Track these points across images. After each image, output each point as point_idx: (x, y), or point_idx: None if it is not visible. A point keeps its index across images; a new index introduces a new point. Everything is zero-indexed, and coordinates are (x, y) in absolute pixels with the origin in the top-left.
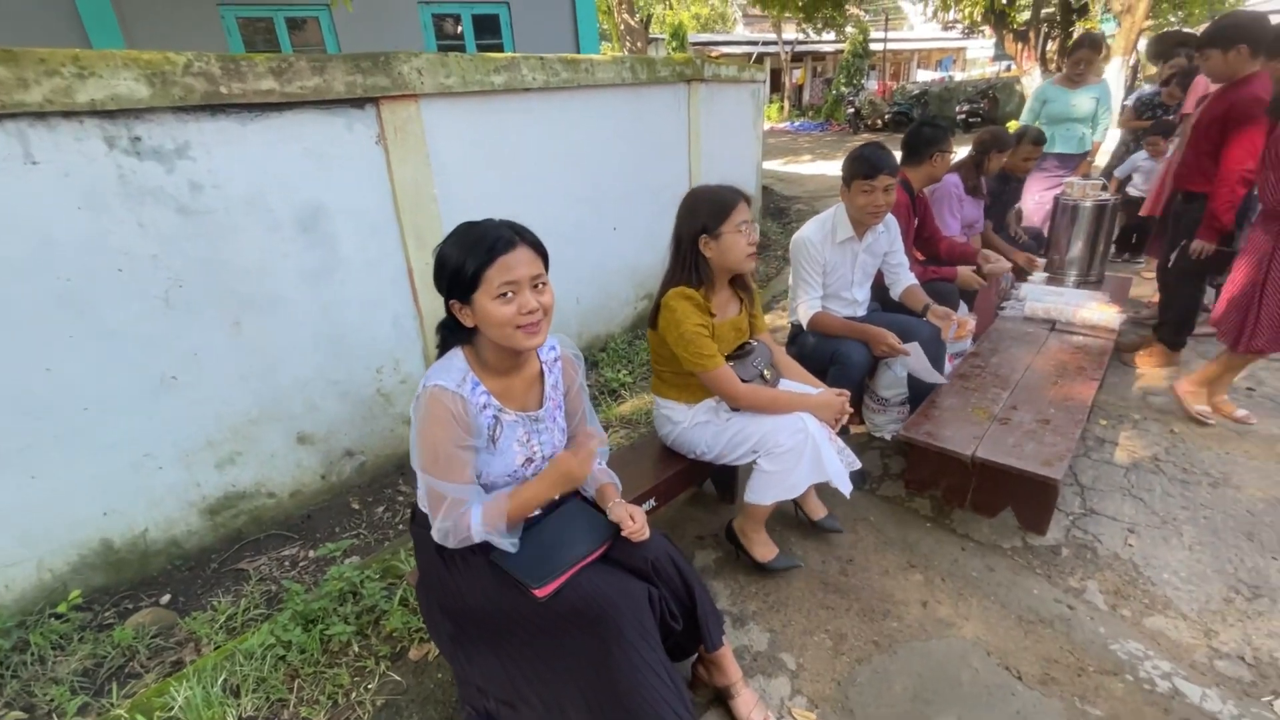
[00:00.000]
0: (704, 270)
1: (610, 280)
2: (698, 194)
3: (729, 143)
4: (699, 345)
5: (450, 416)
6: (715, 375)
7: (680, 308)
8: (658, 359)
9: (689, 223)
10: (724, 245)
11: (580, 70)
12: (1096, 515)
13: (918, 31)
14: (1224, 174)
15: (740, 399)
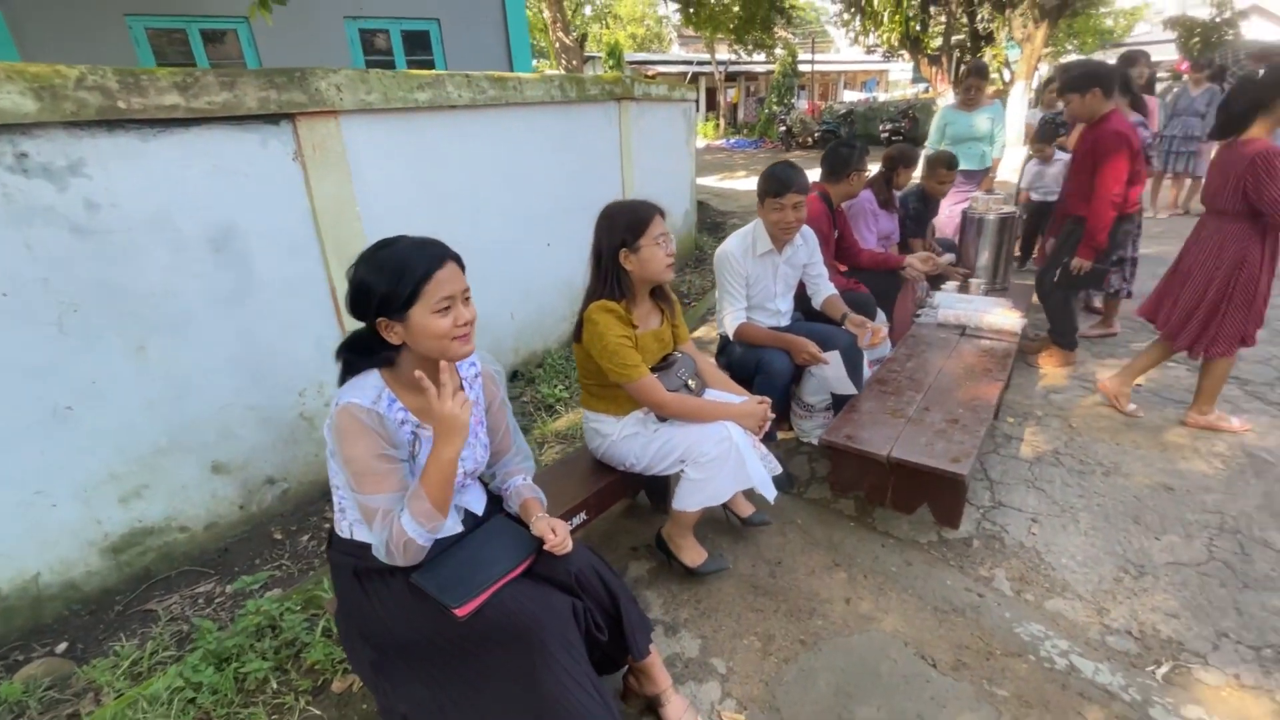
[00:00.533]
0: (625, 283)
1: (545, 296)
2: (614, 209)
3: (662, 159)
4: (623, 356)
5: (368, 429)
6: (640, 385)
7: (603, 320)
8: (584, 372)
9: (608, 237)
10: (644, 257)
11: (508, 88)
12: (1004, 507)
13: (843, 54)
14: (1097, 200)
15: (666, 407)
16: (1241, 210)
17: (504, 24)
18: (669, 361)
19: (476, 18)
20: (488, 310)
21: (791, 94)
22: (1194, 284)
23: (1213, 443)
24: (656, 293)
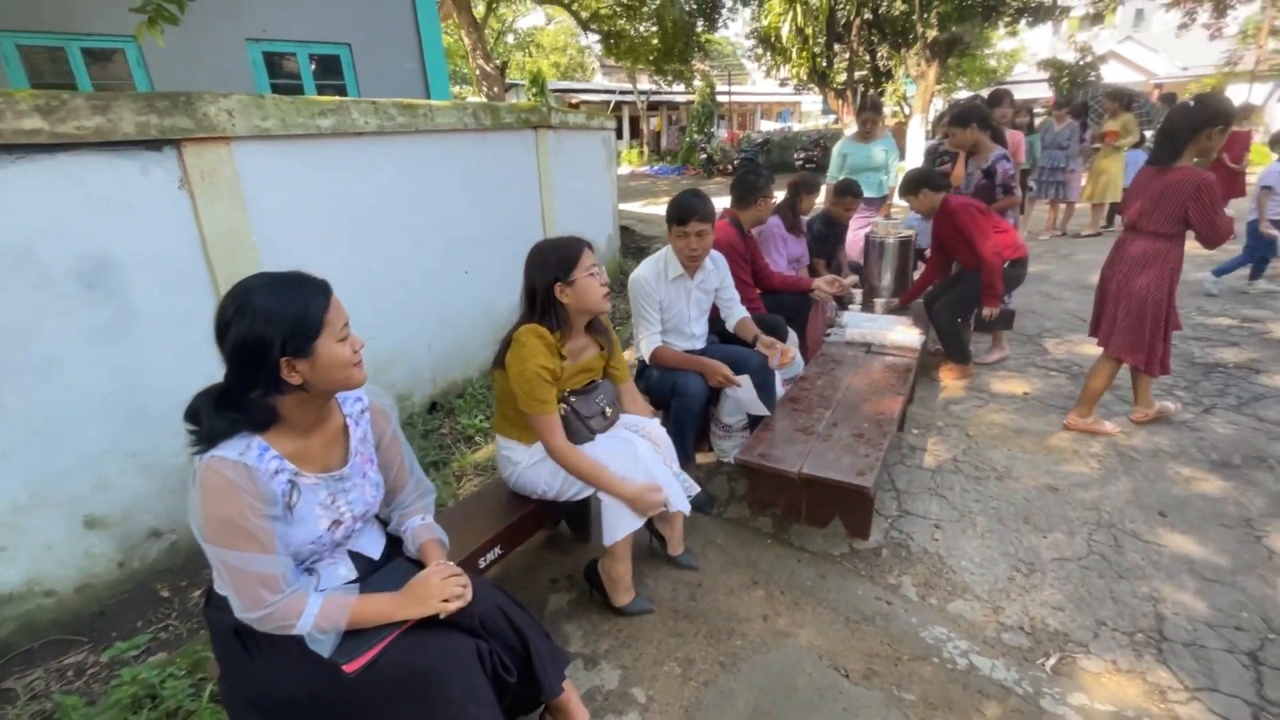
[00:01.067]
0: (561, 316)
1: (464, 324)
2: (544, 247)
3: (583, 186)
4: (536, 387)
5: (236, 487)
6: (544, 421)
7: (530, 344)
8: (501, 395)
9: (541, 274)
10: (580, 289)
11: (419, 115)
12: (910, 515)
13: (759, 86)
14: (984, 266)
15: (555, 453)
16: (1177, 232)
17: (419, 50)
18: (590, 387)
19: (390, 43)
20: (403, 341)
21: (711, 123)
22: (1132, 303)
23: (1090, 444)
24: (594, 326)
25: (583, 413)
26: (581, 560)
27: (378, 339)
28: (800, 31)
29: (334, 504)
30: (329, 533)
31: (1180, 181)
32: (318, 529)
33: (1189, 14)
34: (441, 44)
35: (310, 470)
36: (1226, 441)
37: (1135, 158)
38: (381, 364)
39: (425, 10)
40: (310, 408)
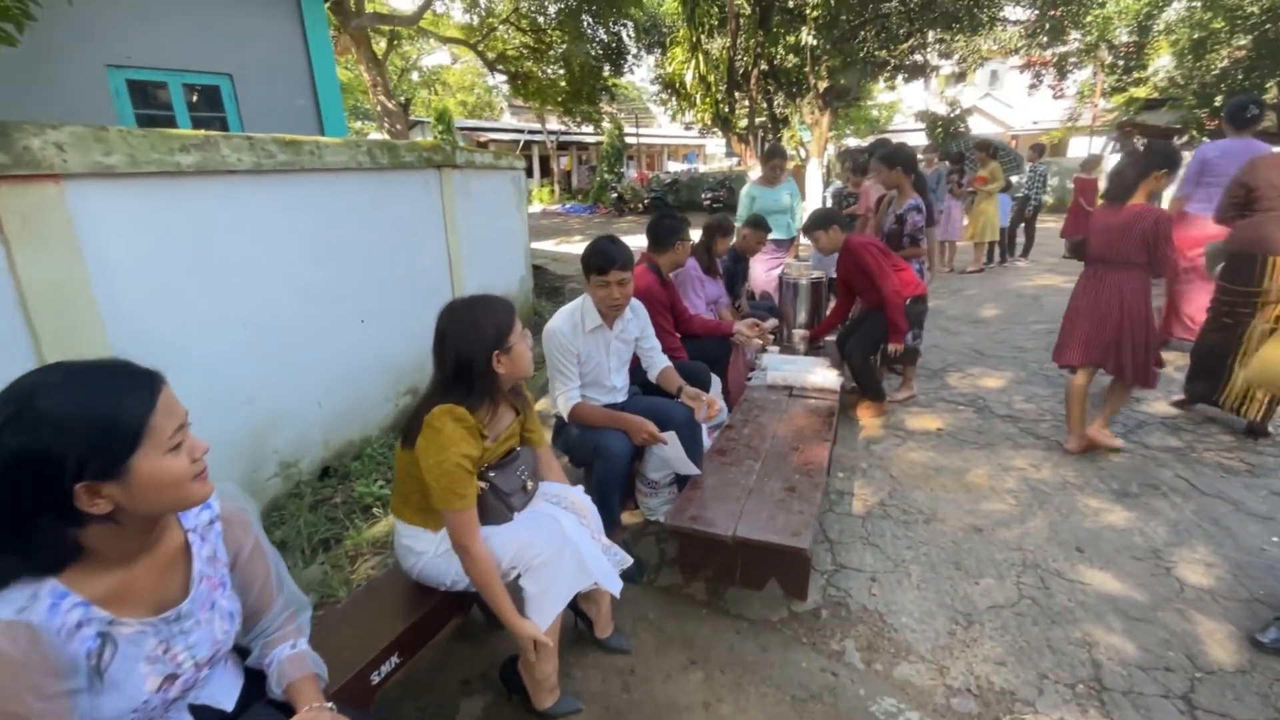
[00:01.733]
0: (491, 389)
1: (361, 378)
2: (475, 312)
3: (493, 227)
4: (455, 480)
5: (11, 663)
6: (460, 519)
7: (448, 431)
8: (405, 478)
9: (477, 340)
10: (515, 356)
11: (304, 153)
12: (845, 569)
13: (665, 129)
14: (888, 304)
15: (470, 559)
16: (1144, 261)
17: (311, 83)
18: (510, 458)
19: (278, 75)
20: (288, 401)
21: (621, 163)
22: (1133, 325)
23: (1004, 479)
24: (511, 389)
25: (503, 489)
26: (499, 652)
27: (256, 401)
28: (703, 79)
29: (167, 654)
30: (160, 694)
31: (1140, 215)
32: (142, 692)
33: (1036, 76)
34: (336, 79)
35: (133, 614)
36: (1123, 470)
37: (1005, 200)
38: (261, 428)
39: (318, 44)
40: (128, 536)
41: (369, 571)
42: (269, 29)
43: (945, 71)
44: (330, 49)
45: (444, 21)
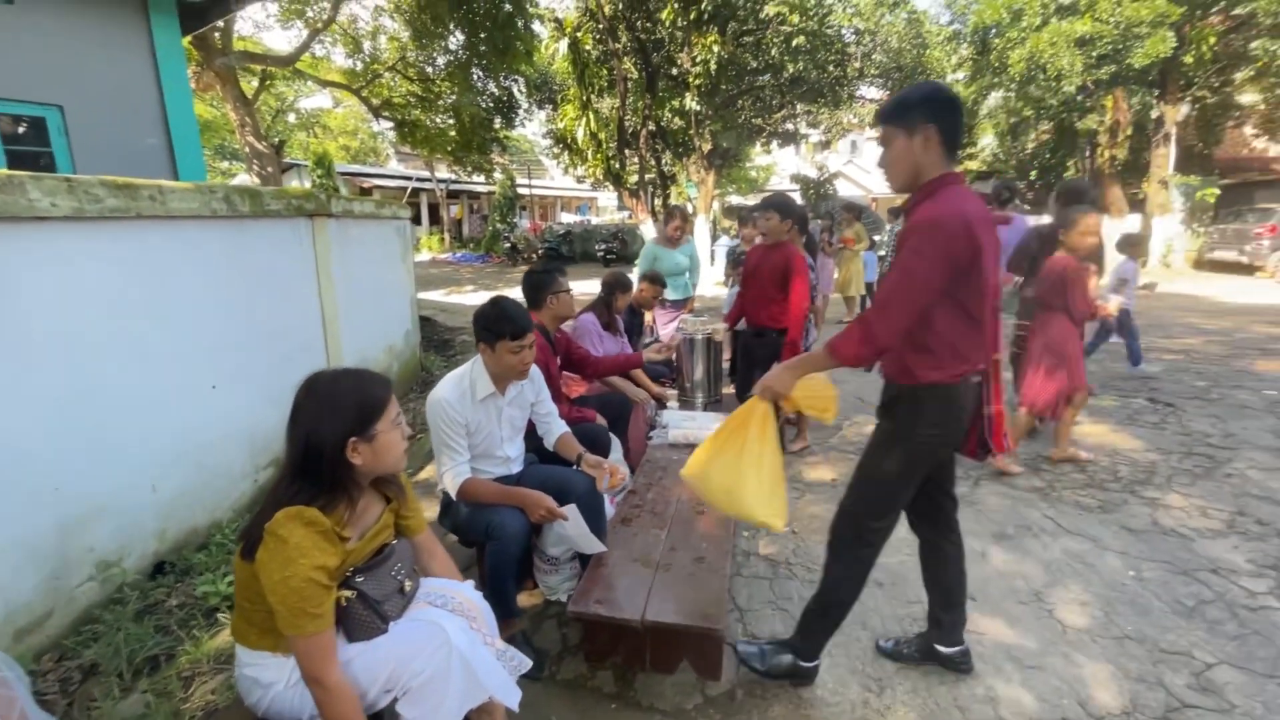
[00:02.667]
0: (349, 483)
1: (211, 453)
2: (332, 388)
3: (375, 278)
4: (307, 598)
5: None
6: (313, 643)
7: (296, 540)
8: (247, 594)
9: (330, 425)
10: (381, 446)
11: (141, 198)
12: (755, 644)
13: (558, 181)
14: (794, 312)
15: (321, 686)
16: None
17: (164, 121)
18: (382, 556)
19: (123, 110)
20: (111, 486)
21: (514, 213)
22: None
23: (896, 529)
24: (382, 479)
25: (374, 596)
26: None
27: (65, 489)
28: (594, 136)
29: None
30: None
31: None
32: None
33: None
34: (193, 118)
35: None
36: (999, 513)
37: (871, 258)
38: (71, 523)
39: (172, 78)
40: None
41: (208, 697)
42: (112, 59)
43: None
44: (187, 84)
45: (325, 65)
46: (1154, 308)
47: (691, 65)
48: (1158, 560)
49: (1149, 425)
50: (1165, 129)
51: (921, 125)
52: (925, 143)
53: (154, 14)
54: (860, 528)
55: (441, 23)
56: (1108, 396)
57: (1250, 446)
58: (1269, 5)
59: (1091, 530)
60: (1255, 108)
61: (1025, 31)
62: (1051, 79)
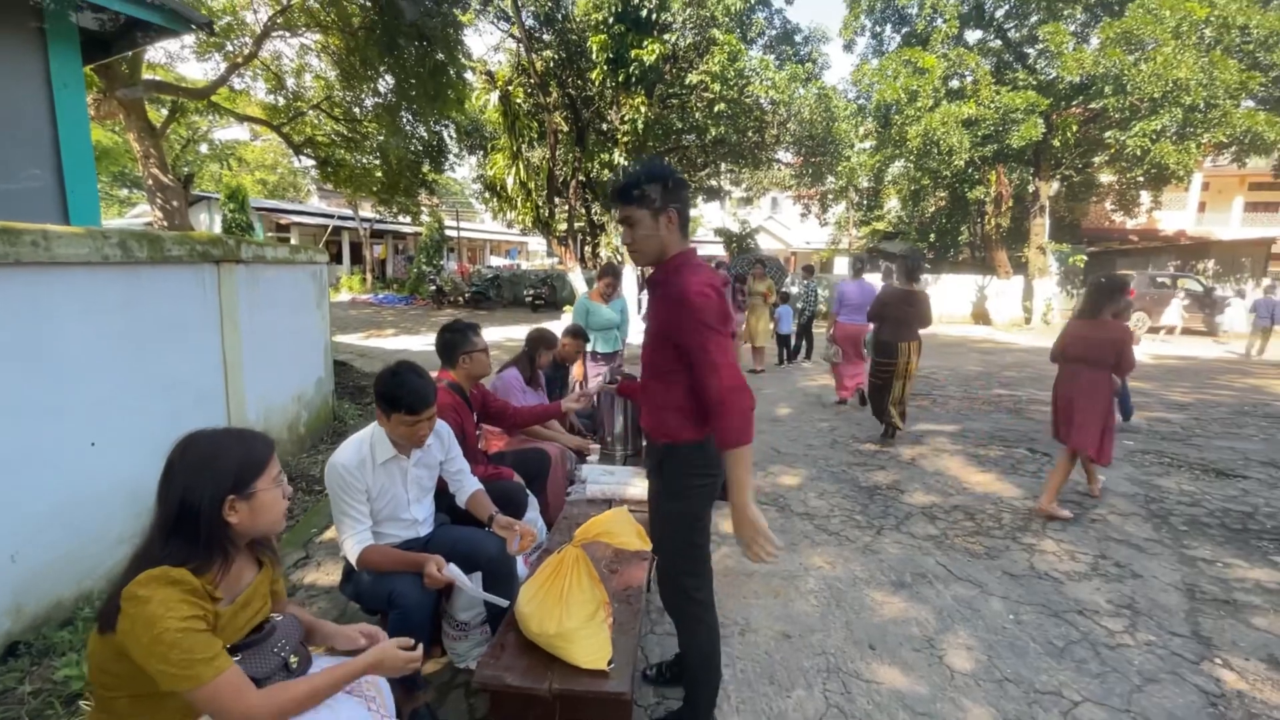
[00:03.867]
0: (223, 543)
1: (86, 515)
2: (214, 446)
3: (286, 325)
4: (190, 646)
5: None
6: (219, 685)
7: (159, 599)
8: (107, 681)
9: (206, 484)
10: (259, 505)
11: (23, 244)
12: (667, 700)
13: (488, 224)
14: None
15: (257, 711)
16: (1111, 364)
17: (55, 156)
18: (264, 632)
19: (7, 142)
20: None
21: (441, 255)
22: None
23: (805, 580)
24: (256, 542)
25: (256, 676)
26: None
27: None
28: (524, 185)
29: None
30: None
31: (1110, 327)
32: None
33: (805, 207)
34: (90, 155)
35: None
36: (898, 561)
37: (787, 310)
38: None
39: (68, 112)
40: None
41: None
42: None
43: (736, 195)
44: (85, 119)
45: (244, 98)
46: (1034, 361)
47: (620, 123)
48: (1033, 603)
49: (1029, 474)
50: (1040, 202)
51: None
52: (669, 222)
53: (52, 42)
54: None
55: (371, 66)
56: (993, 446)
57: (1111, 493)
58: (1116, 102)
59: (979, 576)
60: (1112, 186)
61: (920, 111)
62: (944, 154)
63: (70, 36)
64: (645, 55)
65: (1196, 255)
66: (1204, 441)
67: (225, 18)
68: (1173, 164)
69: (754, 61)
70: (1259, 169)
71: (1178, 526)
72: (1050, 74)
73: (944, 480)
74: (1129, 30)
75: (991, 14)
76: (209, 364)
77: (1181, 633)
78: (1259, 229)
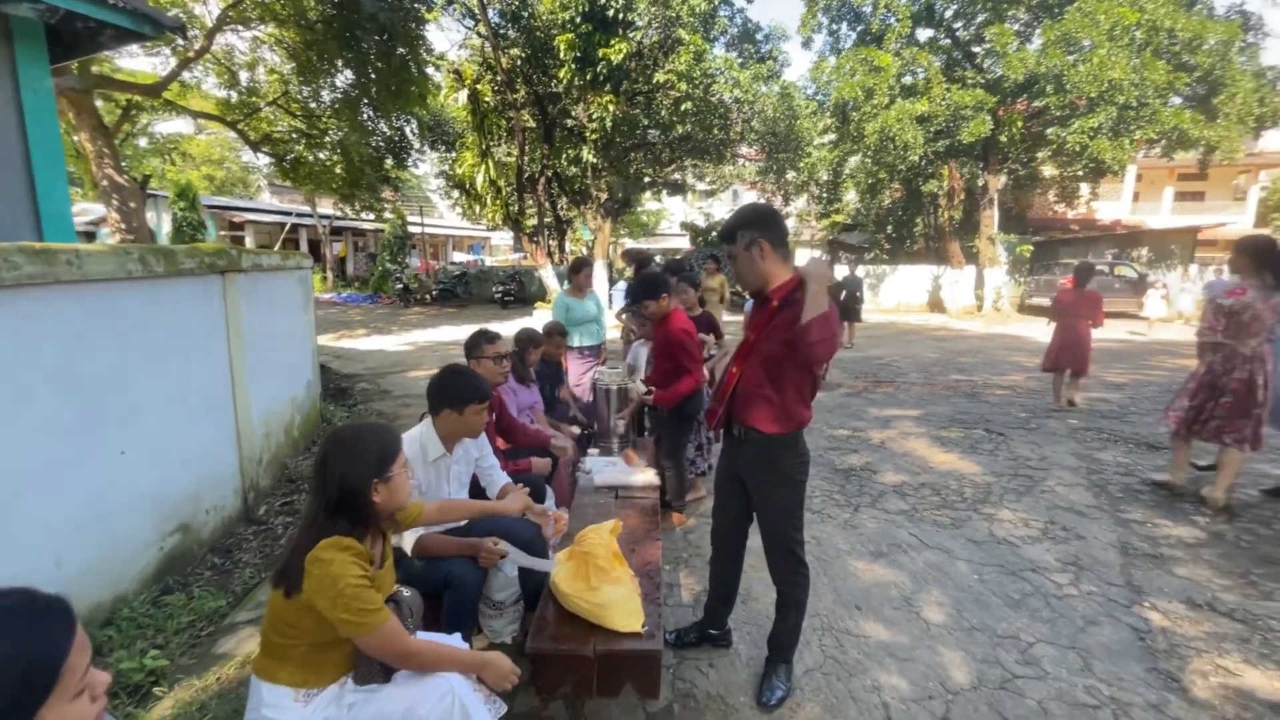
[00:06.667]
0: (372, 519)
1: (117, 522)
2: (355, 440)
3: (280, 331)
4: (362, 599)
5: None
6: (384, 631)
7: (338, 560)
8: (286, 630)
9: (357, 470)
10: (394, 486)
11: (59, 263)
12: (685, 660)
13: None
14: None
15: (413, 657)
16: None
17: (25, 158)
18: (395, 599)
19: None
20: (14, 568)
21: (404, 252)
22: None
23: None
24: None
25: None
26: None
27: None
28: (493, 183)
29: None
30: None
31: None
32: None
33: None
34: (61, 158)
35: None
36: (875, 534)
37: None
38: None
39: (38, 117)
40: None
41: None
42: None
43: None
44: (55, 122)
45: (194, 93)
46: (986, 348)
47: (588, 121)
48: (994, 564)
49: (986, 452)
50: (989, 195)
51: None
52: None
53: (19, 47)
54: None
55: (329, 60)
56: (954, 428)
57: (1058, 467)
58: (1057, 100)
59: (946, 544)
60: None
61: (877, 108)
62: (900, 149)
63: (38, 41)
64: (613, 54)
65: (1131, 243)
66: (1137, 419)
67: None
68: (1108, 159)
69: (718, 61)
70: (1187, 160)
71: (1114, 494)
72: (996, 72)
73: (912, 460)
74: (1068, 32)
75: (941, 14)
76: (217, 372)
77: (1117, 583)
78: (1187, 217)
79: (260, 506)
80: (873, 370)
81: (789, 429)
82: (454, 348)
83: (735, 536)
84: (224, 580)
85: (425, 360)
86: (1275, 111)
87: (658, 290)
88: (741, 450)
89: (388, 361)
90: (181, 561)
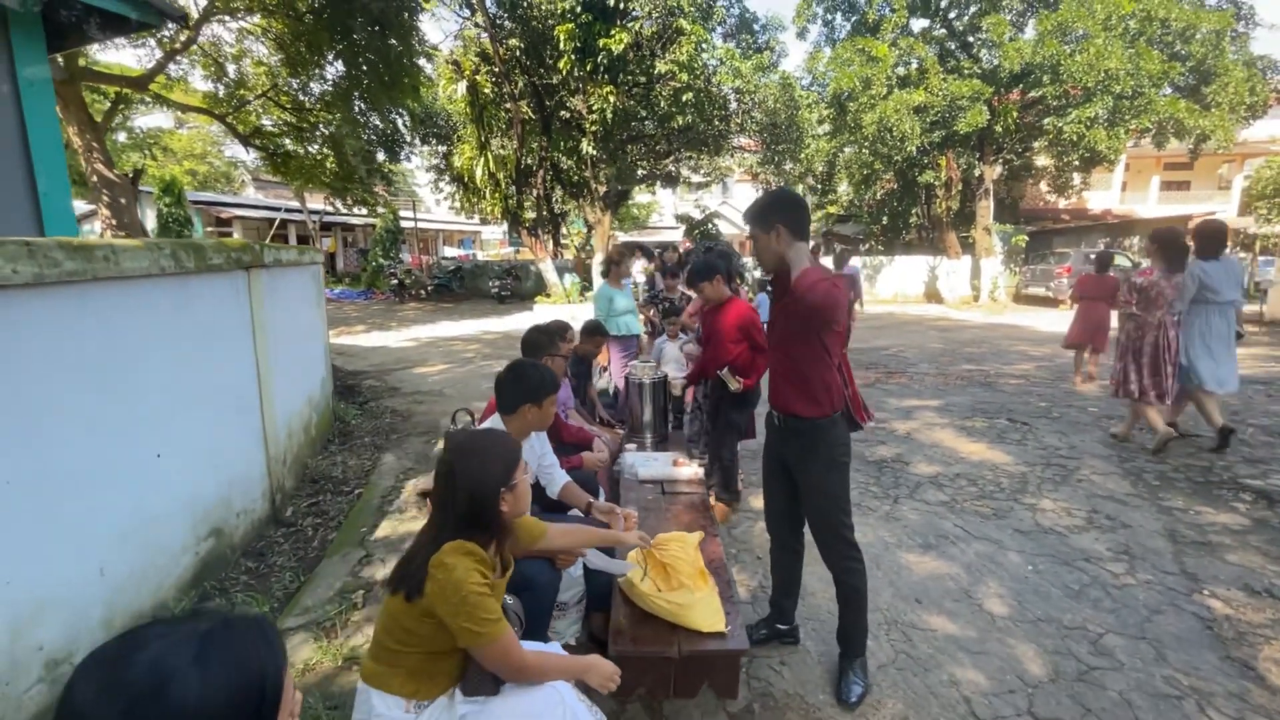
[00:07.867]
0: (499, 527)
1: (156, 528)
2: (484, 448)
3: (299, 327)
4: (484, 608)
5: None
6: (502, 643)
7: (463, 566)
8: (403, 638)
9: (486, 477)
10: (519, 493)
11: (96, 259)
12: (756, 659)
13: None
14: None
15: (528, 671)
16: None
17: (26, 158)
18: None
19: None
20: (62, 574)
21: (397, 247)
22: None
23: None
24: None
25: None
26: None
27: (15, 582)
28: (492, 176)
29: None
30: None
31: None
32: None
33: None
34: (61, 153)
35: None
36: (920, 526)
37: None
38: (19, 619)
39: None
40: None
41: None
42: None
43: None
44: (54, 116)
45: (180, 86)
46: (990, 338)
47: (587, 113)
48: (1045, 554)
49: (1014, 442)
50: (985, 185)
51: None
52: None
53: (16, 39)
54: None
55: (319, 52)
56: (977, 418)
57: (1089, 455)
58: (1053, 90)
59: (993, 535)
60: (1047, 169)
61: (875, 98)
62: (898, 140)
63: (36, 33)
64: (613, 45)
65: (1123, 232)
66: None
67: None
68: (1104, 148)
69: (719, 51)
70: (1175, 150)
71: (1150, 482)
72: (992, 63)
73: (942, 451)
74: (1063, 22)
75: (936, 3)
76: (245, 371)
77: (1172, 571)
78: (1174, 206)
79: (287, 508)
80: (882, 361)
81: (825, 411)
82: (457, 343)
83: (787, 525)
84: (262, 584)
85: (430, 356)
86: (1266, 101)
87: (713, 272)
88: (783, 438)
89: (392, 358)
90: (216, 566)
